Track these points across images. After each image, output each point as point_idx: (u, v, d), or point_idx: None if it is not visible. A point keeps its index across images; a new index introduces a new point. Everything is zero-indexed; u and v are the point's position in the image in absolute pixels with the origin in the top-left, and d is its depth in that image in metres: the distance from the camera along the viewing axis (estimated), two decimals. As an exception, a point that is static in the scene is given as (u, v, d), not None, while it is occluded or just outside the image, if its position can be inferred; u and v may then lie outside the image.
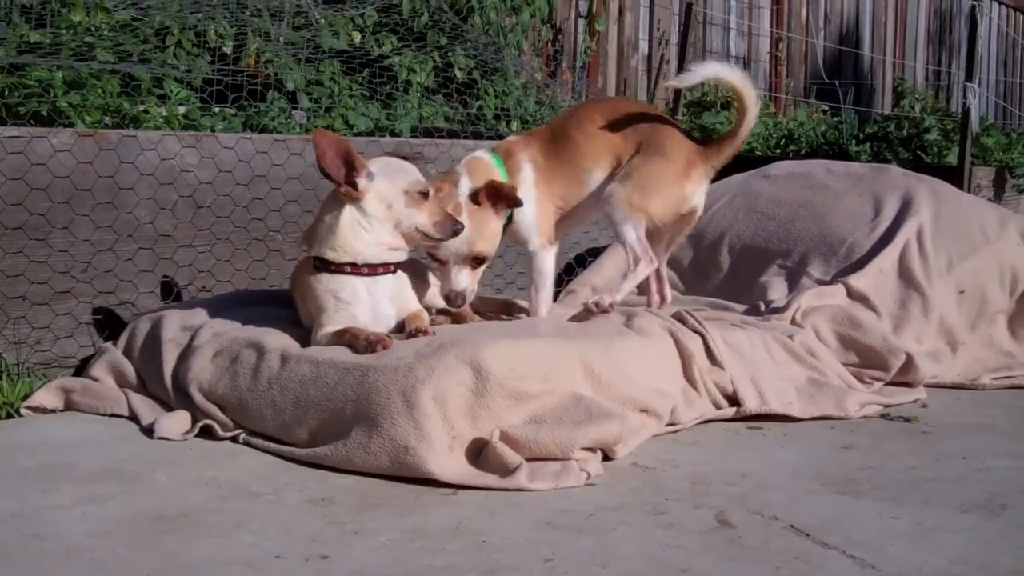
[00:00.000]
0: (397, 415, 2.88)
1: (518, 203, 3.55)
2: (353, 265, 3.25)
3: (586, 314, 3.70)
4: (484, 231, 3.52)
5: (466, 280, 3.51)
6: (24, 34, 4.57)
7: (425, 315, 3.39)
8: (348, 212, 3.25)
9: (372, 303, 3.28)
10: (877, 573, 2.33)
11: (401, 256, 3.35)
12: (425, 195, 3.29)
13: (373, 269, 3.28)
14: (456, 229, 3.33)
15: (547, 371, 3.09)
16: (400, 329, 3.33)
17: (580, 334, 3.37)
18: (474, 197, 3.51)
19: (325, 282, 3.27)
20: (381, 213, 3.26)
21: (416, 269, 3.59)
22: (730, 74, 3.71)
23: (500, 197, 3.52)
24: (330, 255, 3.25)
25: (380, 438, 2.88)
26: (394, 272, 3.35)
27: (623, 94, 9.81)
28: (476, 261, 3.53)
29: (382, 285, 3.31)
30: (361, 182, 3.24)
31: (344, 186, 3.22)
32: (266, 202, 4.11)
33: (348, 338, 3.18)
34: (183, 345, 3.41)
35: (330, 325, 3.25)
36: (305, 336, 3.30)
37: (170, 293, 3.91)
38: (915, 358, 3.90)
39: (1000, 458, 3.18)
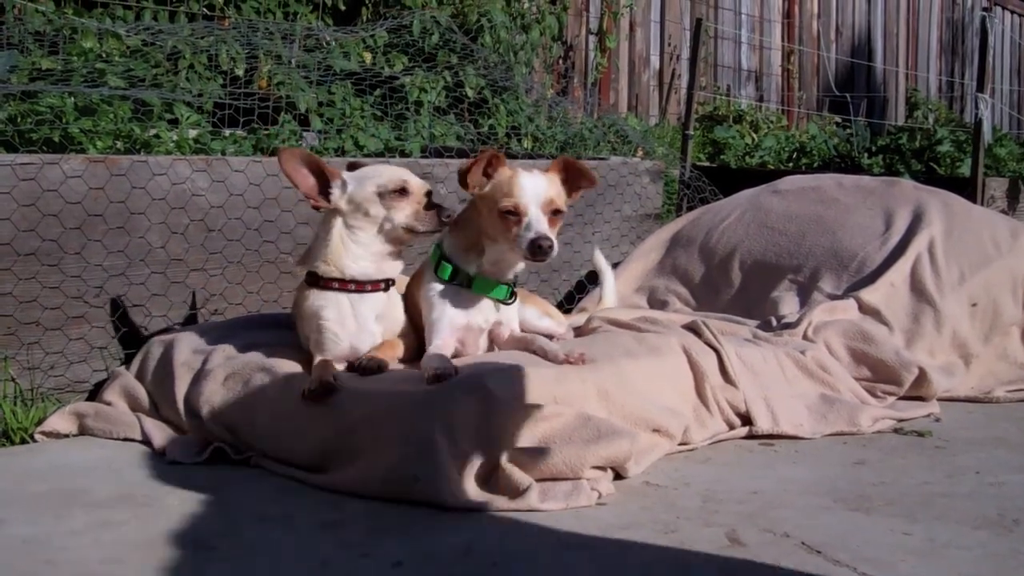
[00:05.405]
0: (405, 443, 2.88)
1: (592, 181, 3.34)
2: (341, 280, 3.29)
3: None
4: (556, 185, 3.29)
5: (546, 225, 3.16)
6: (36, 61, 4.62)
7: (400, 346, 3.37)
8: (337, 226, 3.29)
9: (357, 319, 3.30)
10: (888, 591, 2.33)
11: (395, 268, 3.36)
12: (402, 192, 3.29)
13: (361, 286, 3.30)
14: (443, 218, 3.30)
15: (558, 395, 3.08)
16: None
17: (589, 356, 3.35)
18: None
19: (312, 298, 3.31)
20: (360, 221, 3.29)
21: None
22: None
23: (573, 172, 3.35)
24: (321, 268, 3.30)
25: (389, 467, 2.88)
26: (385, 290, 3.36)
27: (635, 109, 9.84)
28: (554, 213, 3.22)
29: (369, 302, 3.32)
30: (335, 192, 3.30)
31: (317, 199, 3.28)
32: (277, 225, 4.12)
33: (315, 372, 3.18)
34: (195, 369, 3.42)
35: (319, 352, 3.29)
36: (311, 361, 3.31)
37: (182, 317, 3.93)
38: (928, 372, 3.88)
39: (1013, 473, 3.17)
